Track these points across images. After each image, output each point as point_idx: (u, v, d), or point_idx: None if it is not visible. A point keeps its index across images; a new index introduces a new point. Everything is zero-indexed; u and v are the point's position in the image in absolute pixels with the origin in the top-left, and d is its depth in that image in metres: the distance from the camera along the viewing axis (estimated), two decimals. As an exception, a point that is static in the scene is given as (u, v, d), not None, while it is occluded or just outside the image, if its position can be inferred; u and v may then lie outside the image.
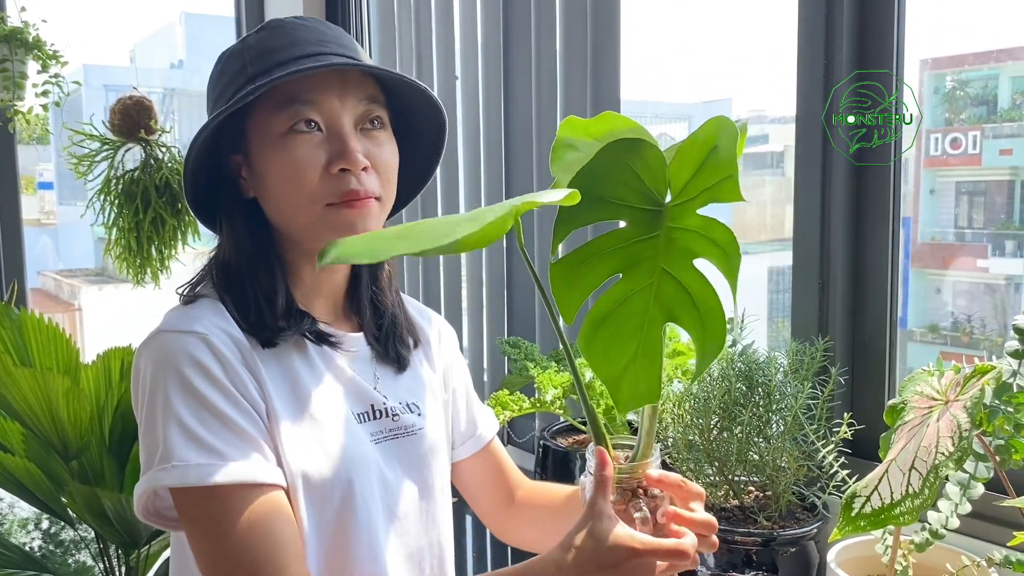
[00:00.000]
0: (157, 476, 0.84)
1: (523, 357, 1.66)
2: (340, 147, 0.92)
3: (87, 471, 1.79)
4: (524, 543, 1.19)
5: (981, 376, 0.94)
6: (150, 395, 0.88)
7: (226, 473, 0.84)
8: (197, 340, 0.88)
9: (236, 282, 0.95)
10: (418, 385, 1.07)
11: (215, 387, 0.87)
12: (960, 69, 4.90)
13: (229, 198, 0.98)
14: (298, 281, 0.99)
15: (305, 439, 0.92)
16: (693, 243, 0.81)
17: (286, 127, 0.91)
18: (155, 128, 1.98)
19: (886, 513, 0.91)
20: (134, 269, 2.01)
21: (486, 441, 1.17)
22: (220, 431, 0.85)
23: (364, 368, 1.01)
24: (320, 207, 0.92)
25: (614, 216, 0.84)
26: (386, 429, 0.99)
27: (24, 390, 1.66)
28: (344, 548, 0.93)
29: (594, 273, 0.84)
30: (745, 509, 1.32)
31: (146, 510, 0.90)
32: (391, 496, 0.98)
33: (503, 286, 2.06)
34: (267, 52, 0.93)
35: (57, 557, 2.09)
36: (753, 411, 1.32)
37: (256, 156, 0.94)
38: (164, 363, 0.87)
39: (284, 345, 0.94)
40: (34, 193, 8.76)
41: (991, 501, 1.15)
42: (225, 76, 0.96)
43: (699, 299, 0.81)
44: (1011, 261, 4.99)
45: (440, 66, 2.22)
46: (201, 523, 0.85)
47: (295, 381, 0.94)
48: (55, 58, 2.05)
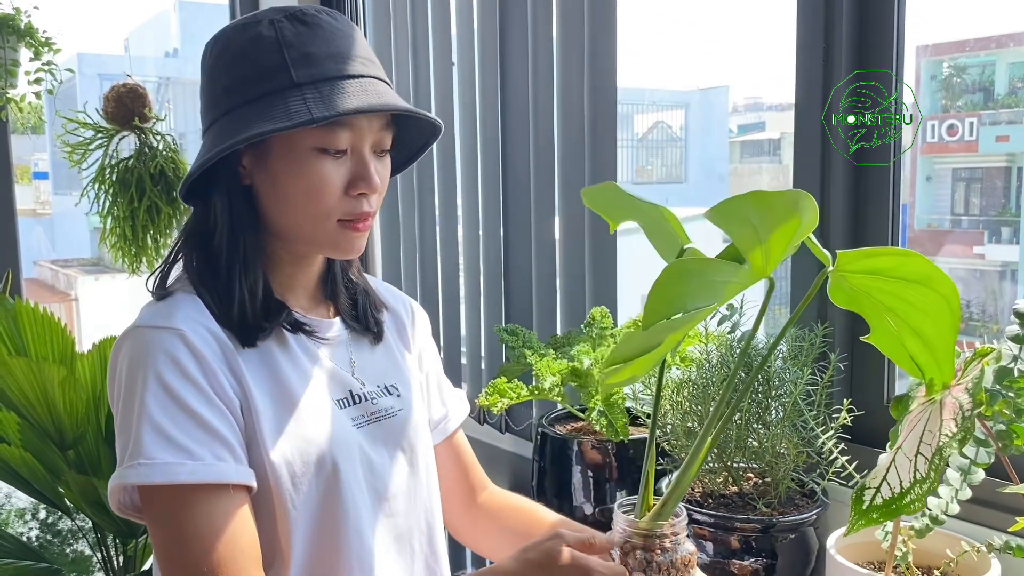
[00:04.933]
0: (124, 473, 0.85)
1: (521, 345, 1.65)
2: (363, 171, 0.94)
3: (84, 461, 1.79)
4: (481, 551, 1.21)
5: (981, 358, 0.94)
6: (126, 391, 0.88)
7: (191, 472, 0.84)
8: (174, 336, 0.88)
9: (219, 274, 0.94)
10: (394, 366, 1.07)
11: (190, 385, 0.87)
12: (957, 55, 4.88)
13: (224, 182, 0.95)
14: (277, 273, 0.99)
15: (288, 429, 0.92)
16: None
17: (318, 145, 0.91)
18: (149, 116, 1.97)
19: (897, 503, 0.91)
20: (129, 258, 2.00)
21: (450, 432, 1.17)
22: (192, 430, 0.85)
23: (341, 354, 1.02)
24: (332, 223, 0.94)
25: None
26: (367, 413, 1.00)
27: (20, 380, 1.66)
28: (332, 533, 0.93)
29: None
30: (744, 496, 1.32)
31: (120, 504, 0.91)
32: (377, 478, 0.99)
33: (500, 275, 2.05)
34: (311, 58, 0.91)
35: (55, 547, 2.09)
36: (752, 397, 1.31)
37: (275, 160, 0.93)
38: (140, 359, 0.87)
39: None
40: (29, 183, 8.73)
41: (992, 487, 1.15)
42: (254, 63, 0.92)
43: None
44: (1007, 248, 4.99)
45: (436, 52, 2.20)
46: (164, 522, 0.85)
47: (276, 371, 0.94)
48: (47, 45, 2.04)
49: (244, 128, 0.89)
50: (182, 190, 0.95)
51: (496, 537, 1.15)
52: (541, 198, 1.93)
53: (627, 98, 6.24)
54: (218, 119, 0.93)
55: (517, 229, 2.02)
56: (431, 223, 2.30)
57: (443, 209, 2.25)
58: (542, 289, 1.96)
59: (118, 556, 1.90)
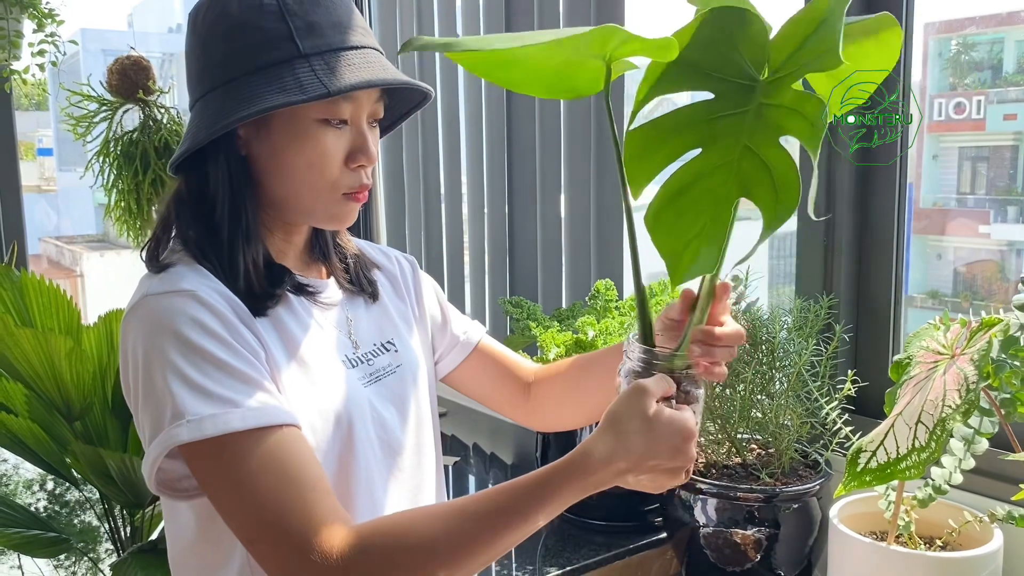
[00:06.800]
0: (173, 434, 0.82)
1: (525, 317, 1.66)
2: (362, 144, 0.94)
3: (90, 432, 1.80)
4: (558, 424, 1.22)
5: (988, 329, 0.94)
6: (144, 362, 0.86)
7: (243, 419, 0.82)
8: (187, 297, 0.87)
9: (217, 246, 0.93)
10: (388, 321, 1.08)
11: (213, 339, 0.86)
12: (965, 33, 4.84)
13: (224, 152, 0.94)
14: (271, 239, 0.99)
15: (305, 388, 0.92)
16: (783, 119, 0.78)
17: (322, 116, 0.91)
18: (153, 89, 1.96)
19: (892, 467, 0.91)
20: (134, 231, 2.00)
21: (474, 343, 1.18)
22: (226, 380, 0.84)
23: (338, 315, 1.02)
24: (335, 195, 0.95)
25: (704, 87, 0.81)
26: (368, 374, 1.01)
27: (27, 351, 1.66)
28: (346, 492, 0.94)
29: (672, 145, 0.82)
30: (748, 466, 1.33)
31: (158, 481, 0.88)
32: (388, 433, 1.00)
33: (505, 248, 2.05)
34: (315, 28, 0.90)
35: (62, 518, 2.10)
36: (756, 368, 1.32)
37: (276, 130, 0.92)
38: (157, 326, 0.86)
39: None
40: (34, 159, 8.73)
41: (995, 457, 1.15)
42: (256, 32, 0.90)
43: (779, 176, 0.78)
44: (1013, 227, 4.97)
45: (441, 28, 2.19)
46: (221, 477, 0.83)
47: (285, 332, 0.94)
48: (51, 16, 2.03)
49: (253, 98, 0.88)
50: (175, 161, 0.93)
51: (563, 401, 1.15)
52: (547, 174, 1.92)
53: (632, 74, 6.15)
54: (215, 88, 0.91)
55: (522, 204, 2.02)
56: (436, 199, 2.30)
57: (448, 184, 2.25)
58: (547, 263, 1.96)
59: (125, 527, 1.91)
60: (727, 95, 0.80)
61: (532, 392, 1.17)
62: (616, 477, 0.82)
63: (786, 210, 0.79)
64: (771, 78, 0.78)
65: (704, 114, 0.80)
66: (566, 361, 1.15)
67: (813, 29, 0.75)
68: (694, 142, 0.81)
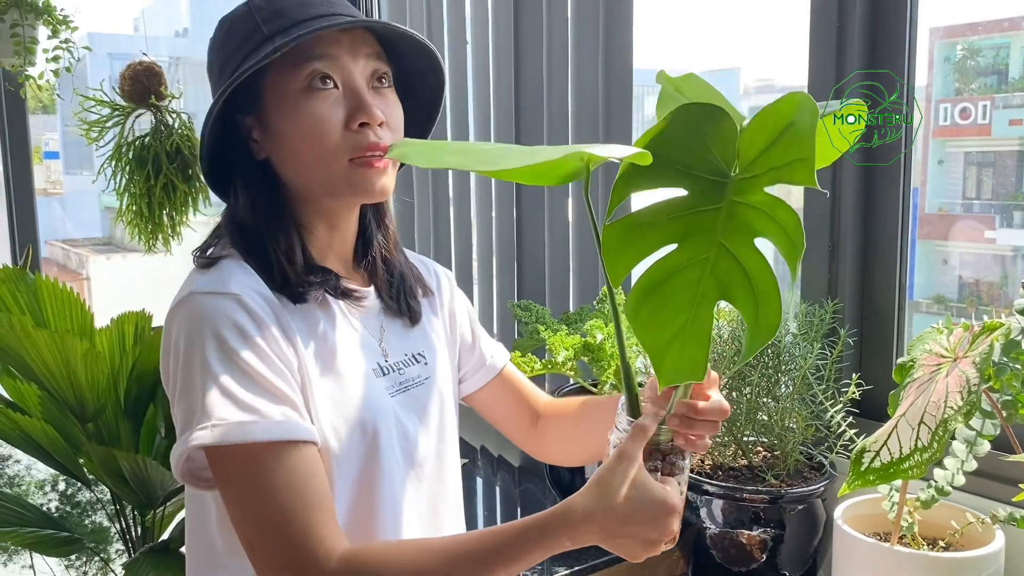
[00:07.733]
0: (197, 435, 0.85)
1: (534, 320, 1.67)
2: (358, 102, 0.94)
3: (103, 433, 1.82)
4: (557, 458, 1.26)
5: (990, 333, 0.95)
6: (185, 357, 0.88)
7: (265, 431, 0.85)
8: (231, 301, 0.90)
9: (255, 243, 0.96)
10: (423, 336, 1.09)
11: (251, 347, 0.88)
12: (971, 37, 4.84)
13: (242, 162, 0.99)
14: (312, 239, 1.00)
15: (334, 393, 0.94)
16: (755, 220, 0.78)
17: (304, 84, 0.93)
18: (165, 94, 1.98)
19: (895, 467, 0.93)
20: (145, 235, 2.02)
21: (499, 369, 1.20)
22: (257, 390, 0.87)
23: (372, 323, 1.04)
24: (343, 163, 0.94)
25: (676, 183, 0.81)
26: (396, 383, 1.02)
27: (43, 352, 1.68)
28: (368, 498, 0.95)
29: (648, 239, 0.81)
30: (753, 468, 1.34)
31: (184, 471, 0.91)
32: (411, 445, 1.01)
33: (513, 253, 2.07)
34: (279, 12, 0.94)
35: (74, 518, 2.12)
36: (762, 372, 1.33)
37: (272, 116, 0.95)
38: (200, 325, 0.88)
39: (310, 302, 0.97)
40: (41, 163, 8.75)
41: (997, 459, 1.17)
42: (233, 40, 0.96)
43: (756, 279, 0.78)
44: (1019, 232, 4.96)
45: (451, 32, 2.21)
46: (235, 482, 0.87)
47: (321, 337, 0.96)
48: (65, 23, 2.05)
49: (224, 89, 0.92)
50: (206, 177, 0.99)
51: (560, 440, 1.18)
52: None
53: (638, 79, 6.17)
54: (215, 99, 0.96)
55: (530, 208, 2.03)
56: (444, 202, 2.31)
57: (457, 191, 2.26)
58: (555, 267, 1.97)
59: (136, 527, 1.93)
60: (700, 191, 0.79)
61: (539, 424, 1.19)
62: (594, 536, 0.85)
63: (766, 328, 0.78)
64: (742, 176, 0.78)
65: (679, 209, 0.80)
66: (576, 400, 1.17)
67: (780, 131, 0.74)
68: (670, 237, 0.81)
